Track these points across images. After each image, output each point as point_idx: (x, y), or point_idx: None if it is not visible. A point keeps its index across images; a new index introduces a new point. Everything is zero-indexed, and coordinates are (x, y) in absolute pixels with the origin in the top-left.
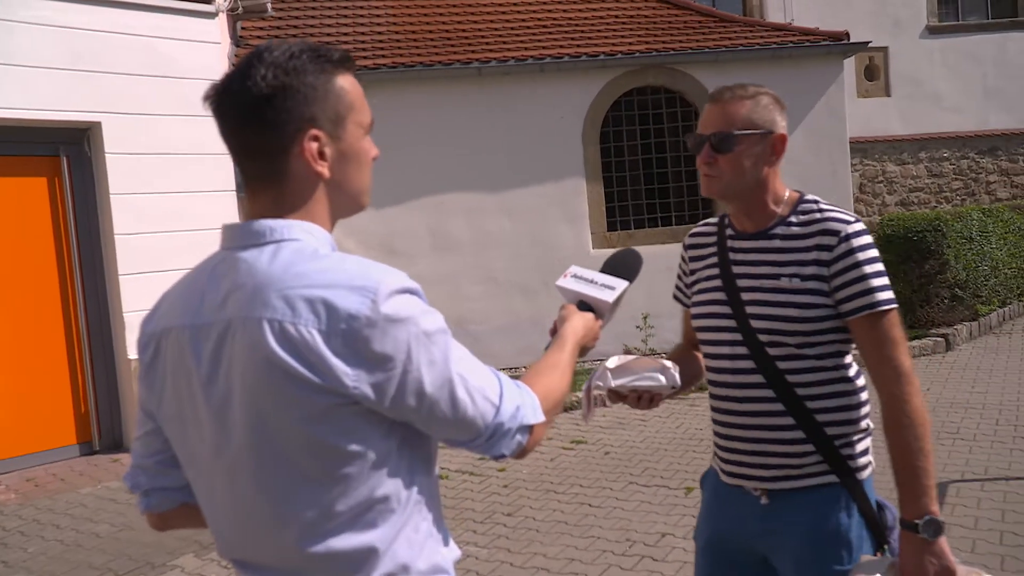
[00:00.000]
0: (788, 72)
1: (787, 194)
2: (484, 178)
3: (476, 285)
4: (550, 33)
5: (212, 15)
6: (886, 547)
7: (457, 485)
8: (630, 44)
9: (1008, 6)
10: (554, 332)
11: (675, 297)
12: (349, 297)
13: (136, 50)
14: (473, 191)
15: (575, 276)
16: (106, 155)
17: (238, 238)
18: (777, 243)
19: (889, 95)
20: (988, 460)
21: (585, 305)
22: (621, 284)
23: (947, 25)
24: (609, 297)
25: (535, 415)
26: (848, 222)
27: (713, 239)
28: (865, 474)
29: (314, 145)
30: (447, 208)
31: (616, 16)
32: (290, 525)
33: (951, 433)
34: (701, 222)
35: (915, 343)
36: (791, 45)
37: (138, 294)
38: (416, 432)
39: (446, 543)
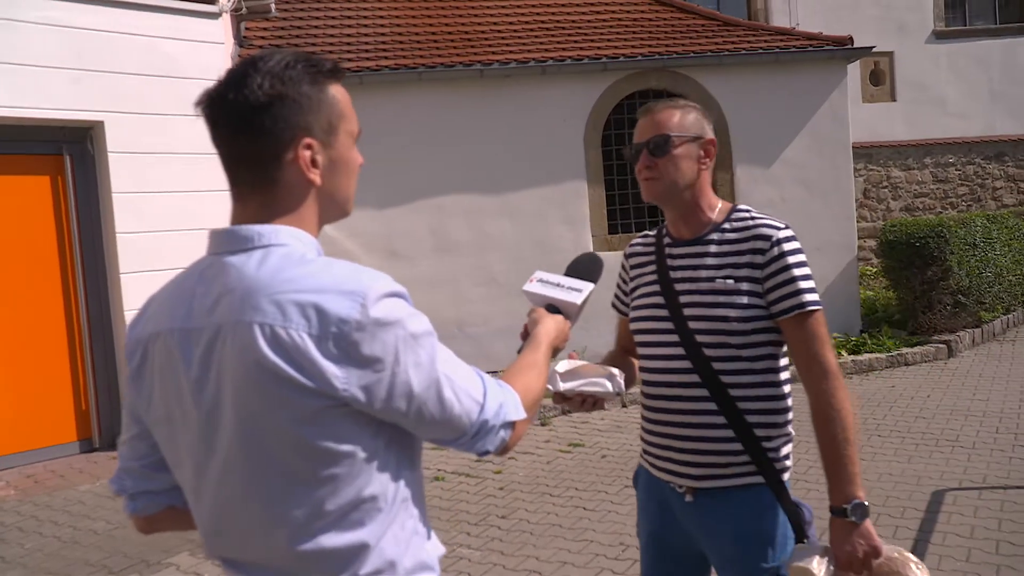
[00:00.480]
0: (791, 77)
1: (720, 204)
2: (485, 180)
3: (477, 287)
4: (552, 35)
5: (216, 15)
6: (805, 541)
7: (453, 487)
8: (632, 47)
9: (1016, 11)
10: (525, 335)
11: (613, 305)
12: (339, 301)
13: (140, 50)
14: (474, 193)
15: (541, 280)
16: (108, 154)
17: (226, 243)
18: (713, 248)
19: (894, 100)
20: (987, 468)
21: (553, 308)
22: (587, 286)
23: (954, 30)
24: (577, 299)
25: (517, 412)
26: (779, 228)
27: (652, 248)
28: (787, 476)
29: (307, 153)
30: (448, 210)
31: (619, 19)
32: (280, 525)
33: (950, 440)
34: (640, 233)
35: (917, 349)
36: (794, 50)
37: (139, 293)
38: (402, 431)
39: (430, 539)
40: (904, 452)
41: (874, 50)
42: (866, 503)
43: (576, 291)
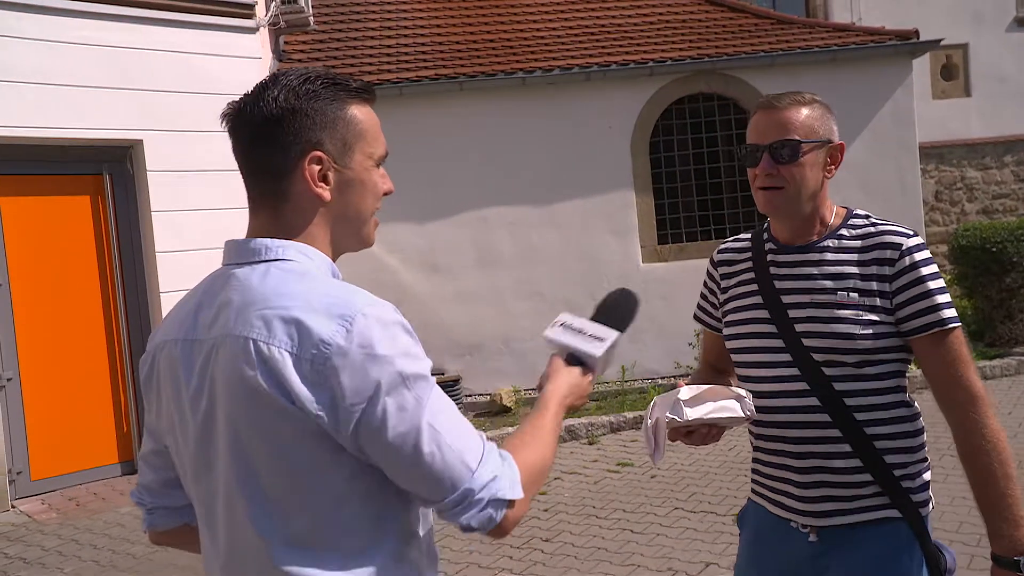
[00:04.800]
0: (851, 75)
1: (835, 207)
2: (529, 191)
3: (522, 301)
4: (596, 40)
5: (253, 30)
6: None
7: None
8: (680, 50)
9: None
10: (540, 387)
11: (697, 318)
12: (325, 323)
13: (177, 67)
14: (518, 204)
15: (564, 325)
16: (148, 173)
17: (235, 255)
18: (829, 256)
19: (969, 95)
20: None
21: (575, 358)
22: (611, 335)
23: None
24: (597, 351)
25: (513, 490)
26: (908, 235)
27: (748, 254)
28: (927, 510)
29: (316, 168)
30: (491, 222)
31: (666, 20)
32: (264, 545)
33: None
34: (732, 237)
35: (995, 362)
36: (853, 46)
37: None
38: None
39: None
40: None
41: (946, 42)
42: None
43: (599, 340)
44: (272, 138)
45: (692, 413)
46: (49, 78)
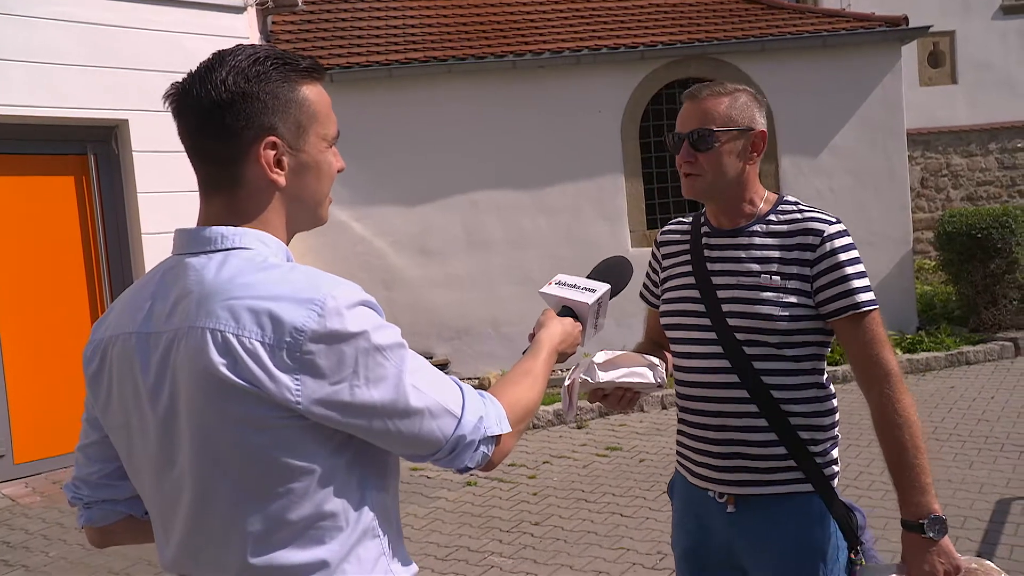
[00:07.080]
0: (840, 61)
1: (766, 194)
2: (519, 175)
3: (511, 285)
4: (587, 23)
5: (241, 10)
6: (859, 549)
7: (485, 492)
8: (671, 34)
9: None
10: (532, 336)
11: (642, 296)
12: (295, 310)
13: (164, 47)
14: (508, 188)
15: (559, 283)
16: (133, 153)
17: (188, 244)
18: (756, 240)
19: (955, 82)
20: None
21: (568, 310)
22: (602, 287)
23: None
24: (588, 299)
25: (500, 425)
26: (830, 222)
27: (687, 236)
28: (836, 482)
29: (271, 153)
30: (481, 206)
31: (656, 4)
32: (234, 538)
33: (1017, 445)
34: (675, 219)
35: (979, 347)
36: (843, 32)
37: None
38: (371, 450)
39: (405, 564)
40: (965, 457)
41: (933, 30)
42: (944, 517)
43: (590, 291)
44: (223, 124)
45: (604, 376)
46: (33, 56)
